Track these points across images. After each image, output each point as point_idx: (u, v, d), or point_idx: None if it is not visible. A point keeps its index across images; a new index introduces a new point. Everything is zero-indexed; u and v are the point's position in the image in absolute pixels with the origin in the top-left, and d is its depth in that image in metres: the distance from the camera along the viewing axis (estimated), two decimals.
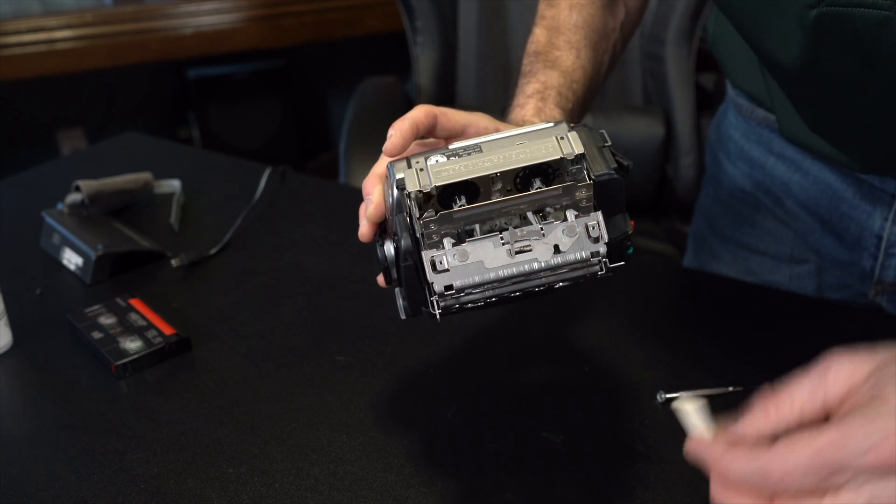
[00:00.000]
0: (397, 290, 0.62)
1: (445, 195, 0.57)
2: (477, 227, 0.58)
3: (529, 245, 0.56)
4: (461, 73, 1.96)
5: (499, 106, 0.83)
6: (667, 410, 0.75)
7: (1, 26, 2.17)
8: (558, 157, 0.56)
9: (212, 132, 2.65)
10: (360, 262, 1.00)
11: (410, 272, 0.58)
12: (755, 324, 0.86)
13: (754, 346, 0.83)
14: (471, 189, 0.57)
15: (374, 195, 0.63)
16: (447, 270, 0.55)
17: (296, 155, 2.77)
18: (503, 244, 0.56)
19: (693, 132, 1.78)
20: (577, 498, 0.67)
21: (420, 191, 0.56)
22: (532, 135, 0.60)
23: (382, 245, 0.62)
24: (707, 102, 1.90)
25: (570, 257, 0.56)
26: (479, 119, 0.67)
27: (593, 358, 0.82)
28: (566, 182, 0.57)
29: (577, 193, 0.56)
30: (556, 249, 0.56)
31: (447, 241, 0.56)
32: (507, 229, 0.57)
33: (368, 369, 0.82)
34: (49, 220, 1.04)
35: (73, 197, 1.06)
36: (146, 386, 0.81)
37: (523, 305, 0.90)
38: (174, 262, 0.99)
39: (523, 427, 0.74)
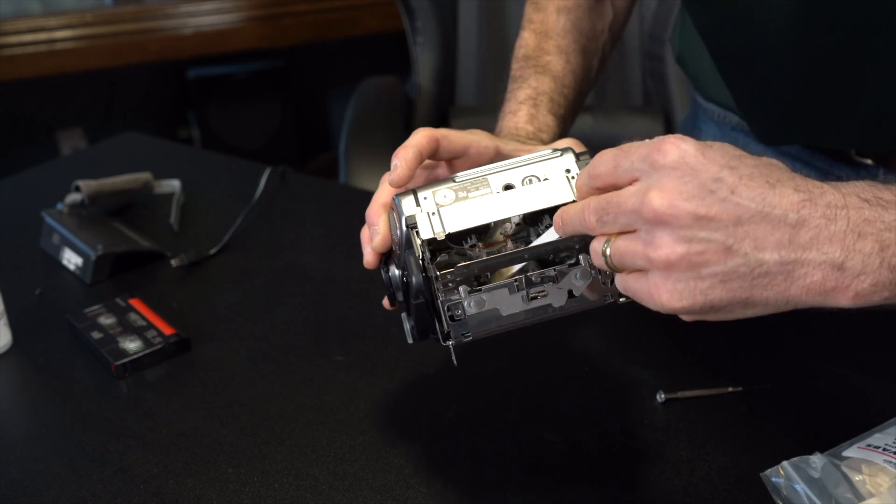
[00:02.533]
0: (404, 315, 0.63)
1: (456, 233, 0.58)
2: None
3: (544, 291, 0.57)
4: (461, 73, 1.96)
5: (498, 106, 0.83)
6: (667, 410, 0.75)
7: (1, 26, 2.17)
8: (570, 200, 0.58)
9: (212, 132, 2.65)
10: (360, 263, 1.00)
11: (422, 309, 0.58)
12: (755, 324, 0.86)
13: (754, 346, 0.83)
14: (481, 226, 0.59)
15: (380, 226, 0.63)
16: (464, 319, 0.56)
17: (296, 155, 2.77)
18: (518, 290, 0.56)
19: None
20: (576, 498, 0.67)
21: (434, 238, 0.57)
22: (539, 167, 0.60)
23: (388, 271, 0.62)
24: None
25: (584, 302, 0.57)
26: (479, 138, 0.67)
27: (593, 358, 0.82)
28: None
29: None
30: (570, 294, 0.57)
31: (462, 290, 0.56)
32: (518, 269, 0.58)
33: (368, 369, 0.82)
34: (49, 220, 1.04)
35: (73, 197, 1.06)
36: (146, 386, 0.81)
37: None
38: (174, 262, 0.99)
39: (523, 427, 0.74)
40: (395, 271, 0.62)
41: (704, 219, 0.47)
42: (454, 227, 0.57)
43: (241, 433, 0.75)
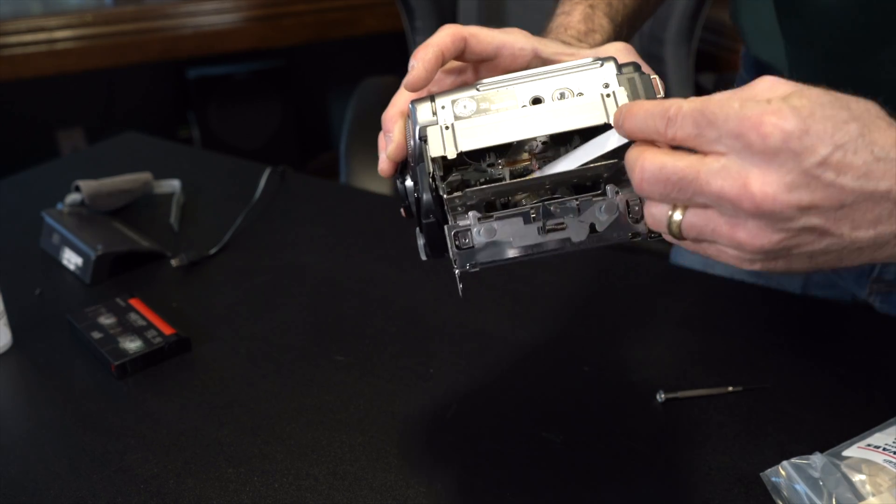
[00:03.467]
0: (417, 230, 0.57)
1: (473, 151, 0.53)
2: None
3: (563, 223, 0.51)
4: None
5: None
6: (667, 410, 0.75)
7: (1, 26, 2.17)
8: (602, 122, 0.52)
9: (212, 132, 2.65)
10: (360, 262, 1.00)
11: (433, 228, 0.54)
12: (755, 323, 0.86)
13: (754, 345, 0.83)
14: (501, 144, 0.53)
15: (395, 134, 0.58)
16: (472, 248, 0.52)
17: (296, 155, 2.77)
18: (534, 221, 0.51)
19: None
20: (576, 498, 0.67)
21: (444, 157, 0.52)
22: (574, 78, 0.54)
23: (402, 181, 0.57)
24: None
25: (607, 237, 0.51)
26: (513, 38, 0.60)
27: (593, 358, 0.82)
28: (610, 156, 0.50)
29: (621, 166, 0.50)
30: (592, 228, 0.51)
31: (472, 216, 0.52)
32: (536, 195, 0.52)
33: (368, 369, 0.82)
34: (49, 219, 1.04)
35: (73, 197, 1.06)
36: (146, 386, 0.81)
37: (523, 306, 0.90)
38: (174, 262, 0.99)
39: (523, 427, 0.74)
40: (409, 183, 0.57)
41: (807, 208, 0.43)
42: (468, 145, 0.52)
43: (241, 433, 0.75)
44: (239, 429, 0.75)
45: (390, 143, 0.58)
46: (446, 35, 0.57)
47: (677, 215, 0.46)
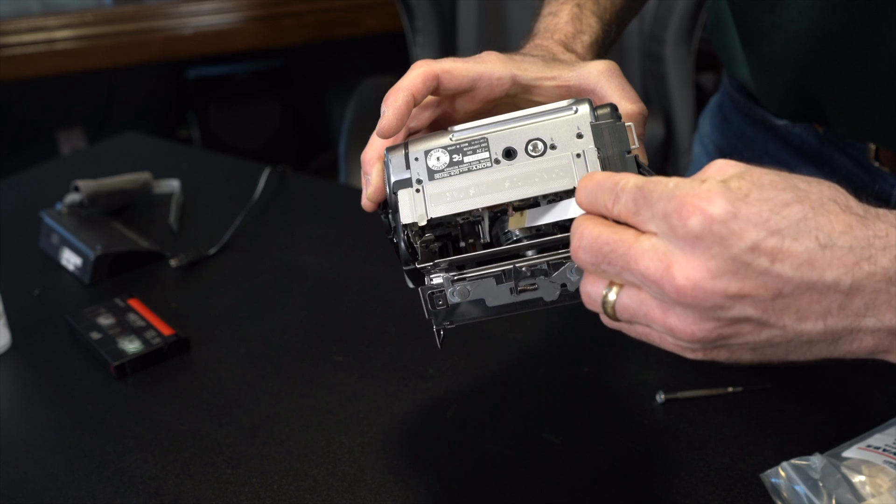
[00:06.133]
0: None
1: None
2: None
3: (535, 284, 0.53)
4: None
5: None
6: (667, 411, 0.75)
7: (1, 26, 2.17)
8: (571, 187, 0.53)
9: (211, 132, 2.65)
10: (360, 262, 1.00)
11: (413, 273, 0.56)
12: None
13: None
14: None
15: (373, 177, 0.59)
16: (446, 308, 0.54)
17: (296, 155, 2.77)
18: (505, 281, 0.53)
19: (693, 132, 1.78)
20: (576, 498, 0.67)
21: (415, 223, 0.54)
22: (548, 126, 0.54)
23: (387, 215, 0.59)
24: (707, 102, 1.89)
25: (579, 298, 0.52)
26: (490, 68, 0.59)
27: (593, 358, 0.82)
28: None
29: None
30: (563, 287, 0.53)
31: (445, 278, 0.54)
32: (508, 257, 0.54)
33: (367, 370, 0.82)
34: (48, 220, 1.04)
35: (72, 197, 1.06)
36: (145, 387, 0.81)
37: None
38: (173, 263, 0.99)
39: (523, 427, 0.74)
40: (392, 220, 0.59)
41: (737, 297, 0.41)
42: (438, 212, 0.54)
43: (239, 434, 0.75)
44: (238, 429, 0.75)
45: (369, 186, 0.60)
46: (417, 76, 0.57)
47: (612, 295, 0.45)
